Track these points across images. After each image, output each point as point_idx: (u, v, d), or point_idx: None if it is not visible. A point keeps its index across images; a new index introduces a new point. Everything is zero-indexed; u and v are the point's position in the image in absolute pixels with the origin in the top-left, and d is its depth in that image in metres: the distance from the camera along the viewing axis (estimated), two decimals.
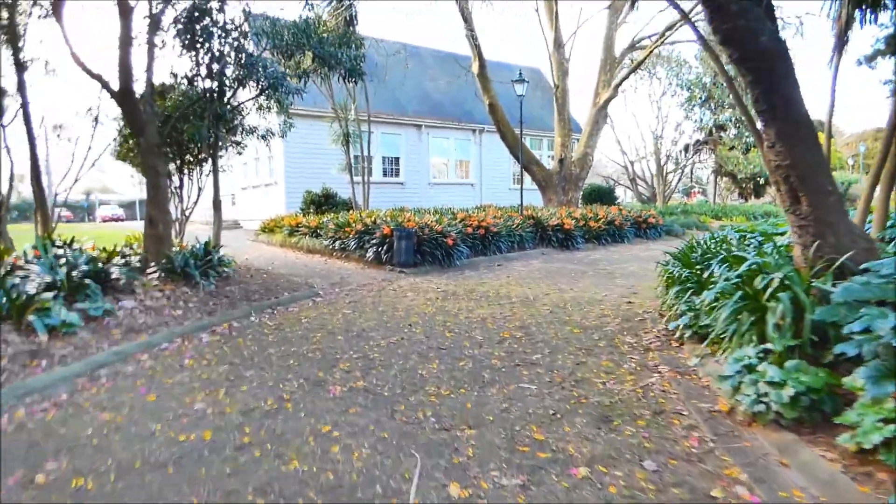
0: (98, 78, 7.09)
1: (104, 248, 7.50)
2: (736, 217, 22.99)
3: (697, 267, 5.16)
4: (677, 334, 4.94)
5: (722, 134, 27.80)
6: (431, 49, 25.78)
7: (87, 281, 5.40)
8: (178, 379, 3.94)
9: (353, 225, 11.24)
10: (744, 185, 29.32)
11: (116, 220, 39.38)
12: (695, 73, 27.18)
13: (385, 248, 10.02)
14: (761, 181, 28.00)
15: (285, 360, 4.39)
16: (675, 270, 5.52)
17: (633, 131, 51.49)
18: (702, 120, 27.99)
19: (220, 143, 9.24)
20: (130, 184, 11.24)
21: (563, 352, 4.63)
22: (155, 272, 6.81)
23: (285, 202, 18.54)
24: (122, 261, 7.05)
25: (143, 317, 5.37)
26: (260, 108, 10.50)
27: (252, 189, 21.99)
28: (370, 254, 10.20)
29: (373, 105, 18.85)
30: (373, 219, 11.28)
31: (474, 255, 11.20)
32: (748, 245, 5.86)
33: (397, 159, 21.19)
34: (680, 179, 30.13)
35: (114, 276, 6.18)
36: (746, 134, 27.38)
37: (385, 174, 20.96)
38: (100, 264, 6.06)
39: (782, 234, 6.58)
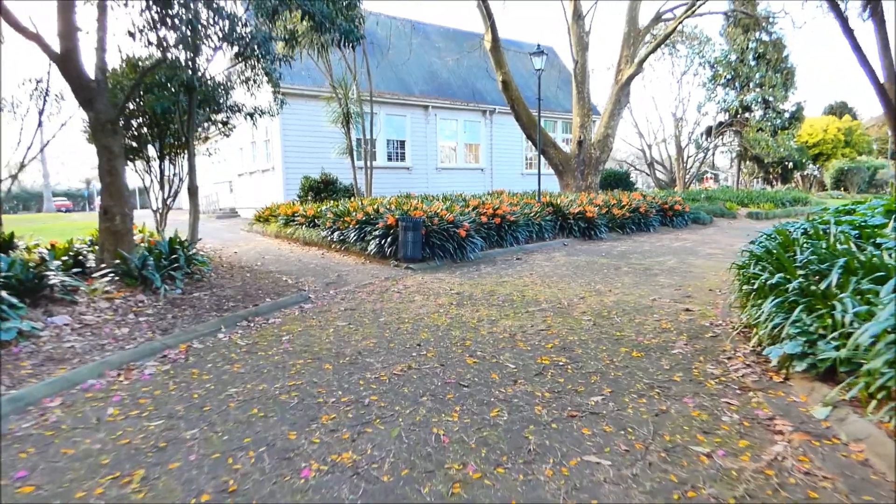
0: (35, 38, 5.81)
1: (53, 246, 6.31)
2: (764, 204, 21.53)
3: (801, 272, 3.88)
4: (774, 362, 3.68)
5: (747, 115, 26.10)
6: (439, 26, 24.25)
7: (2, 293, 4.18)
8: (85, 446, 2.72)
9: (354, 214, 10.00)
10: (770, 170, 27.65)
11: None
12: (719, 49, 25.44)
13: (389, 240, 8.78)
14: (790, 165, 26.36)
15: (247, 408, 3.17)
16: (763, 274, 4.22)
17: (651, 113, 49.42)
18: (725, 100, 26.29)
19: (196, 120, 7.97)
20: (133, 172, 9.91)
21: (630, 391, 3.38)
22: (107, 275, 5.60)
23: (283, 189, 17.29)
24: (71, 261, 5.85)
25: (73, 338, 4.16)
26: (246, 81, 9.21)
27: (249, 175, 20.74)
28: (372, 247, 8.96)
29: (376, 84, 17.46)
30: (375, 207, 10.02)
31: (489, 247, 9.95)
32: (838, 238, 4.57)
33: (403, 142, 19.83)
34: (702, 163, 28.52)
35: (51, 282, 4.97)
36: (774, 115, 25.73)
37: (390, 158, 19.62)
38: (31, 267, 4.84)
39: (879, 225, 5.27)
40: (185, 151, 8.16)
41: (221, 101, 9.10)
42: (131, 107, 8.70)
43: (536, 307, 5.70)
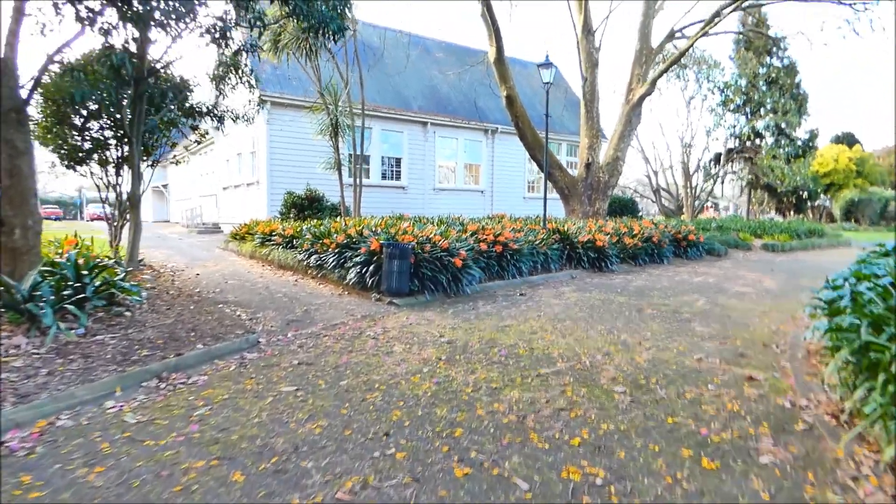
0: None
1: None
2: (779, 235, 20.36)
3: None
4: None
5: (759, 142, 25.08)
6: (440, 41, 23.34)
7: None
8: None
9: (335, 236, 8.67)
10: (784, 200, 26.50)
11: (105, 218, 36.64)
12: (729, 74, 24.57)
13: (371, 268, 7.43)
14: (804, 195, 25.23)
15: None
16: (893, 347, 2.90)
17: (657, 138, 48.61)
18: (735, 126, 25.32)
19: (148, 120, 6.70)
20: (128, 180, 8.56)
21: None
22: None
23: (267, 204, 16.03)
24: None
25: None
26: (215, 78, 8.01)
27: (234, 189, 19.50)
28: (352, 275, 7.62)
29: (372, 98, 16.36)
30: (359, 229, 8.70)
31: (488, 279, 8.60)
32: None
33: (399, 160, 18.65)
34: (711, 191, 27.41)
35: None
36: (787, 143, 24.77)
37: (384, 176, 18.41)
38: None
39: None
40: (130, 152, 6.87)
41: (181, 98, 7.88)
42: (93, 106, 7.50)
43: (550, 368, 4.34)
